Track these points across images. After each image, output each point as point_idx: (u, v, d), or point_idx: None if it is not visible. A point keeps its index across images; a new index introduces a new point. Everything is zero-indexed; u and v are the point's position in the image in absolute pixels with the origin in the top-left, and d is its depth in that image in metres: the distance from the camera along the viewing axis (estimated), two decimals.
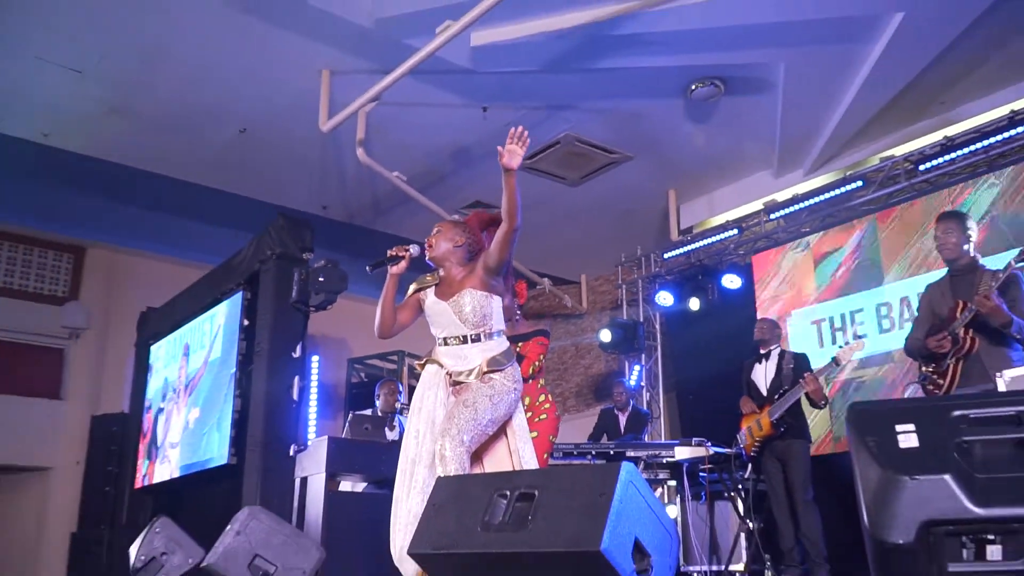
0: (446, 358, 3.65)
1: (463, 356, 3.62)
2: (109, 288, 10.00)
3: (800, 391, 5.76)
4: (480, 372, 3.57)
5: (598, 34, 6.14)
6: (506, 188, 3.51)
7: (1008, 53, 6.49)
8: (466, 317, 3.62)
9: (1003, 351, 4.24)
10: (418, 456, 3.54)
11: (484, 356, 3.60)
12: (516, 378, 3.67)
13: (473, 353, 3.61)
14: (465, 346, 3.63)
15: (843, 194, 7.49)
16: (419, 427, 3.60)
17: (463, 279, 3.68)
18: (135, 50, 6.43)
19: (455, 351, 3.64)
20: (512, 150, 3.46)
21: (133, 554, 4.85)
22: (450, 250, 3.73)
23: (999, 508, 1.82)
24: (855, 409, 2.09)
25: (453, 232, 3.77)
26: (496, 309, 3.70)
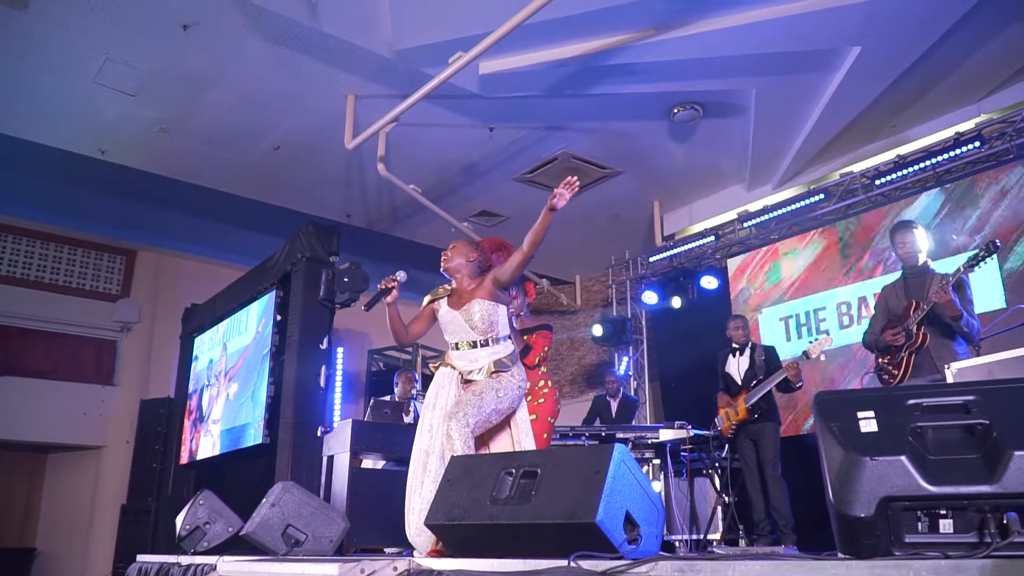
0: (458, 360, 3.67)
1: (473, 359, 3.64)
2: (157, 286, 9.98)
3: (775, 380, 5.76)
4: (488, 371, 3.59)
5: (592, 63, 6.13)
6: (542, 222, 3.49)
7: (952, 82, 6.48)
8: (475, 324, 3.63)
9: (950, 345, 4.23)
10: (431, 448, 3.54)
11: (491, 358, 3.62)
12: (522, 377, 3.69)
13: (482, 356, 3.63)
14: (475, 350, 3.65)
15: (807, 205, 7.47)
16: (432, 422, 3.60)
17: (473, 290, 3.70)
18: (183, 77, 6.43)
19: (466, 354, 3.66)
20: (562, 194, 3.44)
21: (179, 523, 4.85)
22: (463, 264, 3.76)
23: (949, 486, 1.82)
24: (821, 398, 2.09)
25: (467, 249, 3.81)
26: (502, 316, 3.72)
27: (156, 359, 9.78)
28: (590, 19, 5.60)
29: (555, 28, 5.63)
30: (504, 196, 8.52)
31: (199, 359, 8.91)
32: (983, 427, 1.86)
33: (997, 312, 5.67)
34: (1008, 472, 1.78)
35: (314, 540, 4.07)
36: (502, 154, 7.72)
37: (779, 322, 7.69)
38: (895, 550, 1.86)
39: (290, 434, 6.43)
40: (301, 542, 4.04)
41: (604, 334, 8.92)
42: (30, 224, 9.28)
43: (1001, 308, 5.86)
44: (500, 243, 4.02)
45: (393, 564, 2.79)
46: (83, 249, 9.66)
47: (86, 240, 9.65)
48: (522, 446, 3.66)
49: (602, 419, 7.34)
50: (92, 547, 9.03)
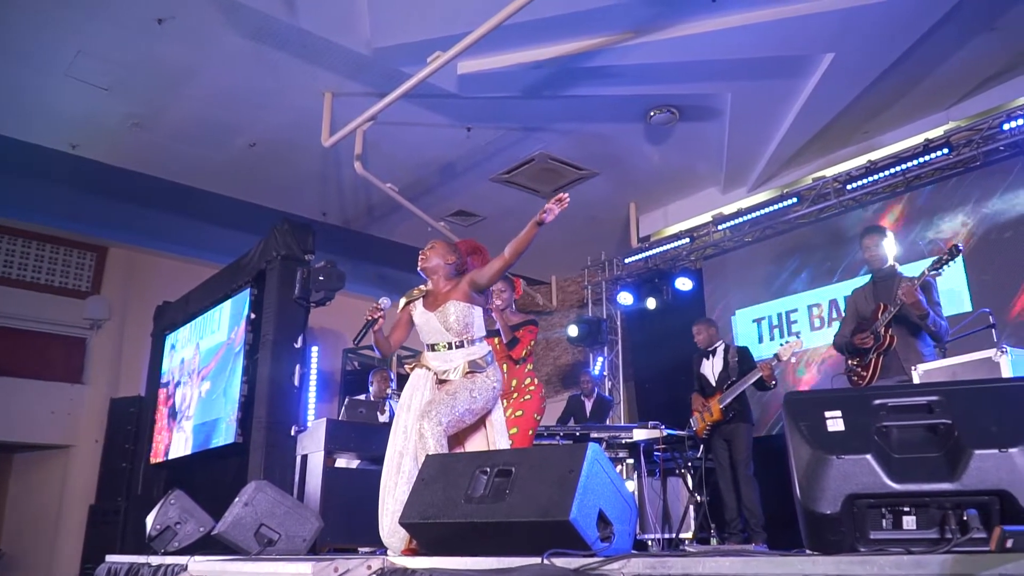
0: (433, 361, 3.70)
1: (448, 359, 3.67)
2: (128, 284, 9.88)
3: (749, 380, 5.84)
4: (463, 372, 3.61)
5: (570, 65, 6.17)
6: (527, 234, 3.58)
7: (922, 89, 6.61)
8: (450, 326, 3.66)
9: (917, 347, 4.33)
10: (405, 449, 3.56)
11: (466, 359, 3.64)
12: (496, 378, 3.71)
13: (457, 357, 3.66)
14: (450, 351, 3.67)
15: (781, 209, 7.57)
16: (407, 423, 3.62)
17: (448, 292, 3.73)
18: (157, 72, 6.37)
19: (441, 355, 3.69)
20: (552, 209, 3.52)
21: (149, 523, 4.81)
22: (440, 265, 3.79)
23: (912, 484, 1.88)
24: (790, 398, 2.15)
25: (445, 251, 3.84)
26: (477, 318, 3.75)
27: (127, 357, 9.68)
28: (568, 21, 5.64)
29: (533, 29, 5.66)
30: (481, 196, 8.54)
31: (171, 357, 8.83)
32: (945, 427, 1.93)
33: (963, 315, 5.79)
34: (968, 470, 1.84)
35: (287, 540, 4.07)
36: (479, 154, 7.74)
37: (752, 324, 7.79)
38: (860, 546, 1.91)
39: (263, 433, 6.41)
40: (274, 542, 4.04)
41: (579, 335, 8.97)
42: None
43: (967, 311, 5.99)
44: (476, 246, 4.06)
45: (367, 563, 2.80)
46: (52, 245, 9.54)
47: (56, 236, 9.53)
48: (497, 446, 3.69)
49: (576, 419, 7.39)
50: (59, 548, 8.92)
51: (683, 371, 6.69)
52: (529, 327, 4.76)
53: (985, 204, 6.39)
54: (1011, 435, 1.84)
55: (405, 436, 3.59)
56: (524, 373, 4.69)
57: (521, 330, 4.73)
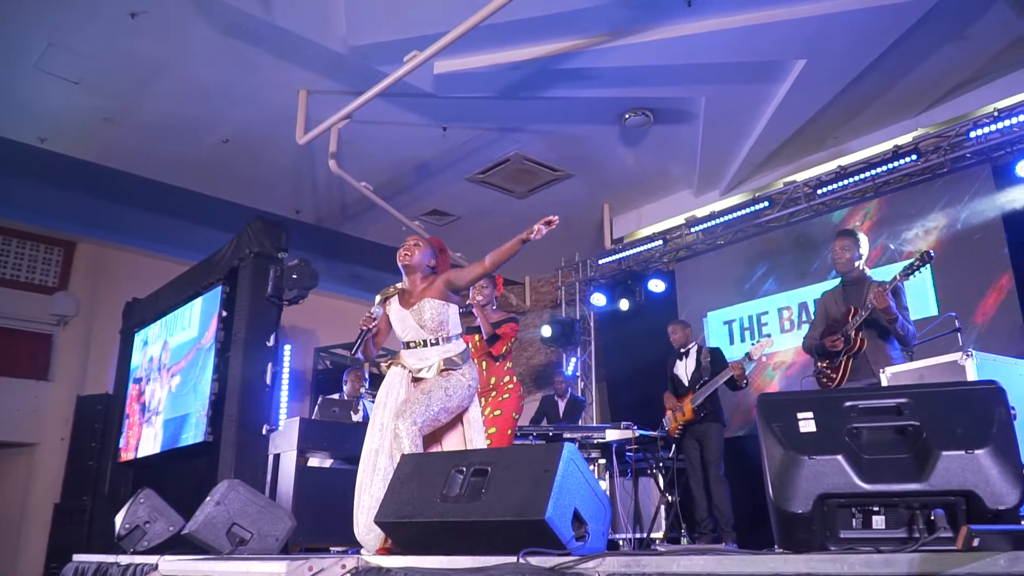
0: (408, 359, 3.70)
1: (423, 357, 3.68)
2: (96, 279, 9.74)
3: (721, 380, 5.91)
4: (438, 369, 3.62)
5: (546, 67, 6.20)
6: (510, 248, 3.62)
7: (892, 96, 6.73)
8: (425, 323, 3.67)
9: (886, 350, 4.40)
10: (381, 447, 3.56)
11: (441, 357, 3.65)
12: (472, 376, 3.71)
13: (432, 354, 3.67)
14: (425, 349, 3.68)
15: (752, 212, 7.66)
16: (383, 421, 3.61)
17: (423, 290, 3.74)
18: (129, 66, 6.30)
19: (416, 353, 3.70)
20: (540, 229, 3.57)
21: (118, 523, 4.76)
22: (422, 264, 3.81)
23: (882, 484, 1.93)
24: (763, 400, 2.19)
25: (426, 249, 3.86)
26: (453, 316, 3.76)
27: (94, 354, 9.54)
28: (545, 23, 5.67)
29: (510, 30, 5.68)
30: (456, 195, 8.55)
31: (142, 353, 8.73)
32: (914, 428, 1.97)
33: (930, 319, 5.91)
34: (936, 471, 1.89)
35: (259, 539, 4.05)
36: (455, 154, 7.75)
37: (723, 325, 7.88)
38: (830, 545, 1.96)
39: (234, 432, 6.37)
40: (246, 541, 4.01)
41: (553, 335, 9.00)
42: None
43: (933, 315, 6.10)
44: (443, 246, 4.07)
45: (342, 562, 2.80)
46: (19, 240, 9.39)
47: (22, 231, 9.38)
48: (474, 444, 3.70)
49: (549, 419, 7.42)
50: (23, 547, 8.78)
51: (655, 372, 6.75)
52: (510, 324, 4.80)
53: (952, 210, 6.52)
54: (977, 437, 1.89)
55: (381, 434, 3.59)
56: (503, 371, 4.71)
57: (502, 327, 4.76)
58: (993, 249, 6.19)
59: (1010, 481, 1.83)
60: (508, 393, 4.60)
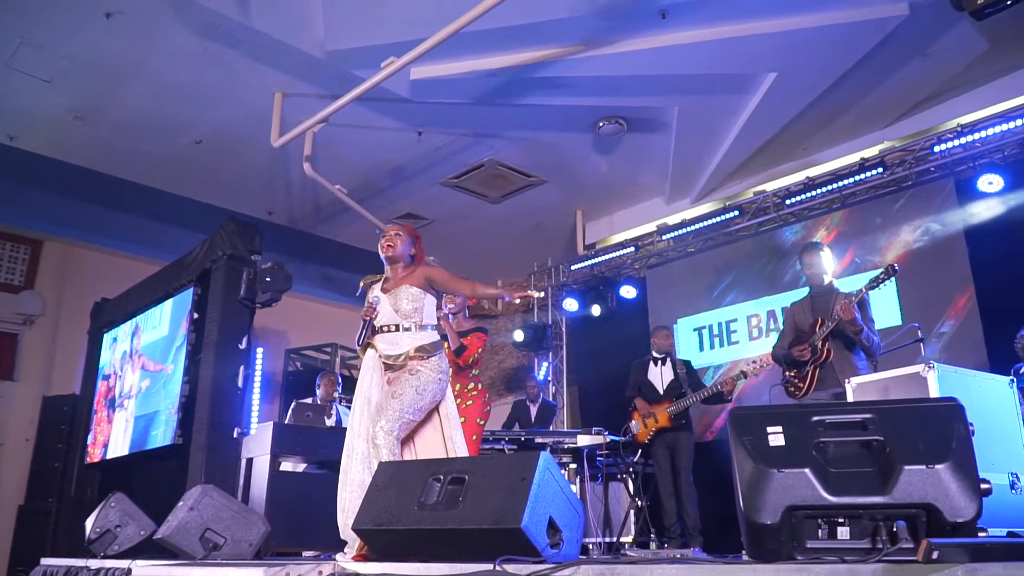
0: (381, 343, 3.73)
1: (395, 342, 3.70)
2: (63, 279, 9.59)
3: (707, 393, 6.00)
4: (407, 356, 3.65)
5: (522, 75, 6.27)
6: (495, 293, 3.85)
7: (859, 109, 6.89)
8: (400, 308, 3.72)
9: (852, 361, 4.52)
10: (358, 431, 3.61)
11: (412, 344, 3.68)
12: (441, 369, 3.72)
13: (404, 340, 3.69)
14: (398, 334, 3.71)
15: (723, 221, 7.78)
16: (358, 405, 3.68)
17: (403, 278, 3.79)
18: (102, 65, 6.25)
19: (388, 337, 3.72)
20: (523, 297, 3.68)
21: (89, 526, 4.72)
22: (404, 253, 3.85)
23: (847, 496, 2.01)
24: (735, 414, 2.26)
25: (407, 238, 3.89)
26: (428, 306, 3.80)
27: (61, 354, 9.40)
28: (521, 32, 5.73)
29: (487, 39, 5.73)
30: (430, 199, 8.57)
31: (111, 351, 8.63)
32: (878, 443, 2.06)
33: (894, 328, 6.06)
34: (899, 485, 1.97)
35: (233, 544, 4.05)
36: (430, 158, 7.78)
37: (693, 332, 7.99)
38: (797, 555, 2.03)
39: (205, 435, 6.32)
40: (219, 546, 4.02)
41: (525, 340, 9.06)
42: None
43: (898, 325, 6.26)
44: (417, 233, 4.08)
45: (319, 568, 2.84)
46: None
47: None
48: (454, 441, 3.73)
49: (521, 423, 7.48)
50: None
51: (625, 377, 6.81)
52: (478, 334, 4.85)
53: (917, 223, 6.68)
54: (937, 453, 1.98)
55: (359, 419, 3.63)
56: (468, 378, 4.77)
57: (469, 336, 4.82)
58: (956, 262, 6.36)
59: (968, 495, 1.92)
60: (472, 399, 4.65)
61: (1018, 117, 6.06)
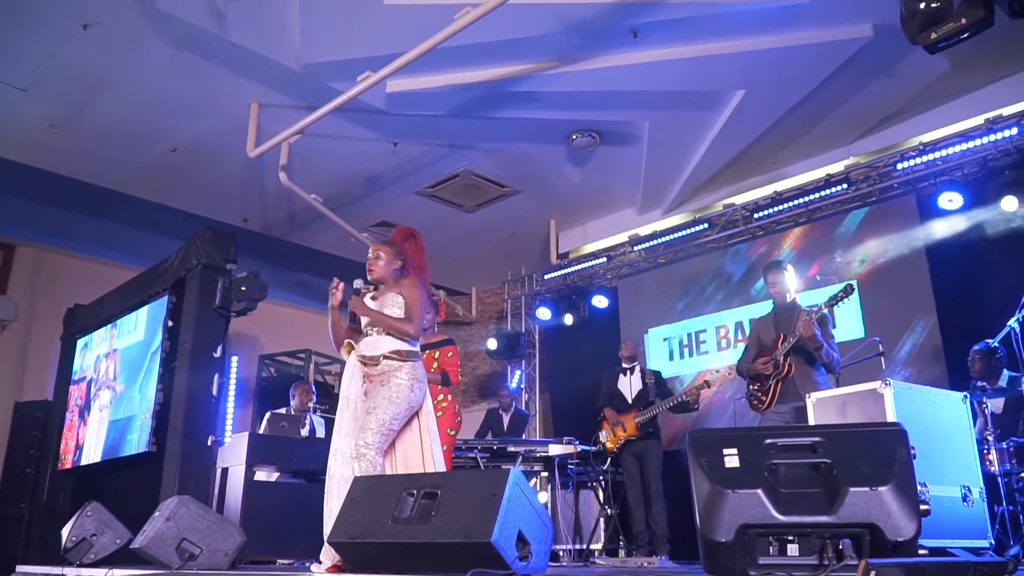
0: (362, 346, 3.83)
1: (375, 345, 3.79)
2: (36, 283, 9.55)
3: (673, 402, 6.12)
4: (383, 356, 3.74)
5: (496, 89, 6.38)
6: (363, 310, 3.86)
7: (826, 125, 7.07)
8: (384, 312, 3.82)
9: (812, 376, 4.68)
10: (338, 428, 3.72)
11: (389, 348, 3.77)
12: (415, 376, 3.77)
13: (383, 344, 3.78)
14: (380, 337, 3.79)
15: (693, 233, 7.95)
16: (341, 405, 3.78)
17: (391, 285, 3.90)
18: (79, 74, 6.27)
19: (371, 340, 3.82)
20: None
21: (65, 535, 4.76)
22: (387, 273, 3.92)
23: (796, 516, 2.13)
24: (694, 436, 2.39)
25: (390, 256, 3.95)
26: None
27: (32, 360, 9.34)
28: (495, 48, 5.84)
29: (462, 54, 5.83)
30: (405, 208, 8.64)
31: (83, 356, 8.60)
32: (826, 465, 2.19)
33: (856, 341, 6.24)
34: (844, 505, 2.11)
35: (209, 554, 4.12)
36: (405, 168, 7.86)
37: (663, 342, 8.14)
38: (750, 570, 2.16)
39: (179, 443, 6.34)
40: (195, 556, 4.08)
41: (499, 348, 9.17)
42: None
43: (860, 338, 6.44)
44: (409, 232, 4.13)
45: None
46: None
47: None
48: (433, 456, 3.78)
49: (494, 432, 7.58)
50: None
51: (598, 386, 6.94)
52: (448, 347, 4.95)
53: (880, 238, 6.86)
54: (880, 475, 2.11)
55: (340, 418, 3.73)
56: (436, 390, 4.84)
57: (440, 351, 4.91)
58: (917, 277, 6.55)
59: (908, 516, 2.06)
60: (441, 411, 4.75)
61: (977, 136, 6.26)
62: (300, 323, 11.03)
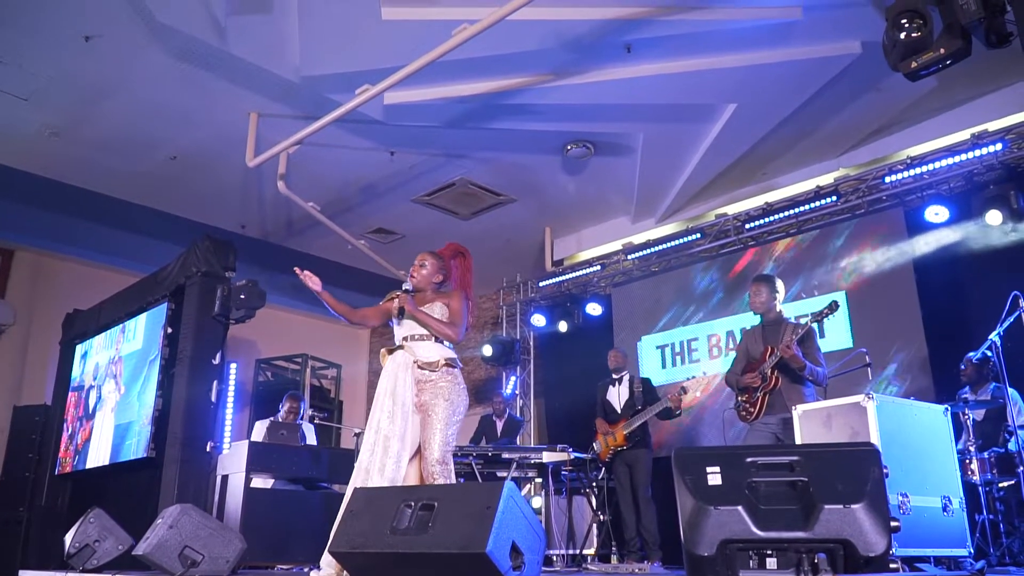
0: (416, 349, 3.94)
1: (428, 350, 3.94)
2: (34, 288, 9.65)
3: (656, 409, 6.27)
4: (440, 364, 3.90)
5: (492, 101, 6.50)
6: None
7: (815, 138, 7.22)
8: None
9: (799, 388, 4.81)
10: (391, 432, 3.78)
11: (443, 355, 3.94)
12: (462, 384, 3.99)
13: (435, 350, 3.94)
14: (430, 343, 3.95)
15: (685, 243, 8.10)
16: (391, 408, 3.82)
17: (436, 296, 4.07)
18: (80, 84, 6.37)
19: (422, 345, 3.95)
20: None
21: (68, 541, 4.87)
22: (428, 281, 4.10)
23: (774, 532, 2.27)
24: (679, 454, 2.52)
25: (434, 268, 4.13)
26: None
27: (31, 364, 9.44)
28: (492, 62, 5.96)
29: (459, 68, 5.96)
30: (401, 215, 8.77)
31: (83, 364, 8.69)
32: (803, 483, 2.33)
33: (845, 351, 6.39)
34: (819, 521, 2.24)
35: (211, 561, 4.24)
36: (401, 176, 7.97)
37: (656, 350, 8.28)
38: None
39: (178, 449, 6.43)
40: (197, 563, 4.20)
41: (494, 354, 9.29)
42: None
43: (849, 347, 6.59)
44: (459, 250, 4.30)
45: None
46: None
47: None
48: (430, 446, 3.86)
49: (488, 438, 7.70)
50: None
51: (589, 391, 7.09)
52: None
53: (869, 249, 7.02)
54: (853, 494, 2.25)
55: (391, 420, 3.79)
56: None
57: None
58: (904, 288, 6.69)
59: (879, 532, 2.19)
60: None
61: (963, 151, 6.42)
62: (297, 327, 11.14)
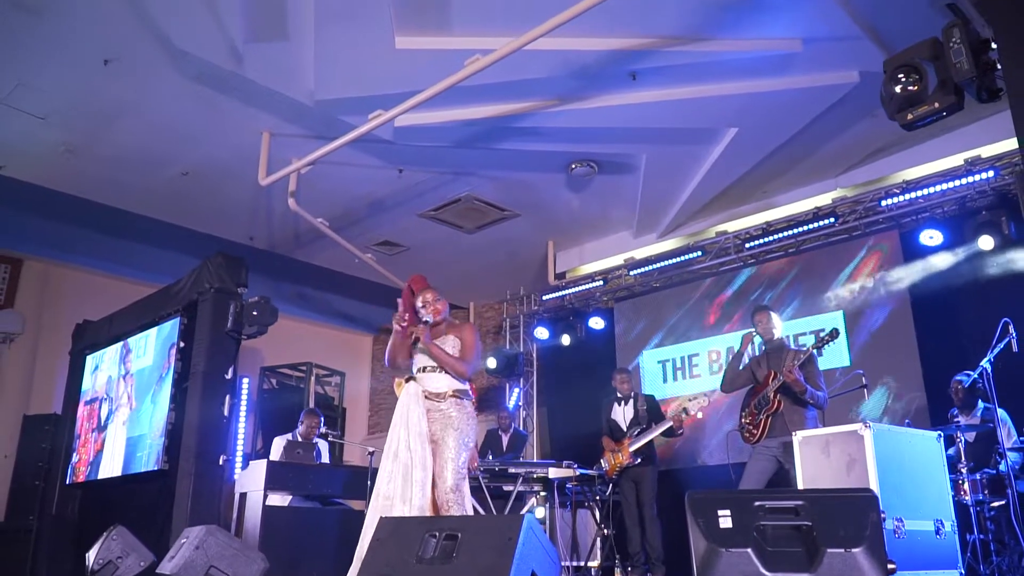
0: (425, 381, 4.25)
1: (437, 382, 4.24)
2: (43, 298, 9.80)
3: (660, 429, 6.47)
4: (447, 395, 4.20)
5: (499, 124, 6.68)
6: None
7: (813, 160, 7.43)
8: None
9: (801, 412, 5.04)
10: (410, 461, 4.04)
11: (451, 387, 4.24)
12: (472, 415, 4.29)
13: (443, 382, 4.25)
14: (439, 375, 4.25)
15: (686, 260, 8.30)
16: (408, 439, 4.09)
17: (450, 328, 4.39)
18: (97, 105, 6.50)
19: (432, 377, 4.26)
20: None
21: (91, 558, 5.05)
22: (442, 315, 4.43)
23: (781, 573, 2.47)
24: (692, 497, 2.71)
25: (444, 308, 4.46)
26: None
27: (39, 373, 9.59)
28: (500, 88, 6.14)
29: (468, 92, 6.10)
30: (407, 229, 8.94)
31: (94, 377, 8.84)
32: (807, 527, 2.52)
33: (843, 369, 6.61)
34: (822, 564, 2.44)
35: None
36: (409, 192, 8.15)
37: (657, 364, 8.48)
38: None
39: (192, 462, 6.59)
40: None
41: (498, 367, 9.48)
42: None
43: (846, 366, 6.80)
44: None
45: None
46: None
47: None
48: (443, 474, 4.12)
49: (494, 453, 7.89)
50: None
51: (593, 406, 7.29)
52: None
53: (866, 270, 7.23)
54: (854, 538, 2.45)
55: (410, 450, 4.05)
56: None
57: None
58: (900, 310, 6.91)
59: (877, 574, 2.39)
60: None
61: (957, 177, 6.63)
62: (301, 336, 11.31)
